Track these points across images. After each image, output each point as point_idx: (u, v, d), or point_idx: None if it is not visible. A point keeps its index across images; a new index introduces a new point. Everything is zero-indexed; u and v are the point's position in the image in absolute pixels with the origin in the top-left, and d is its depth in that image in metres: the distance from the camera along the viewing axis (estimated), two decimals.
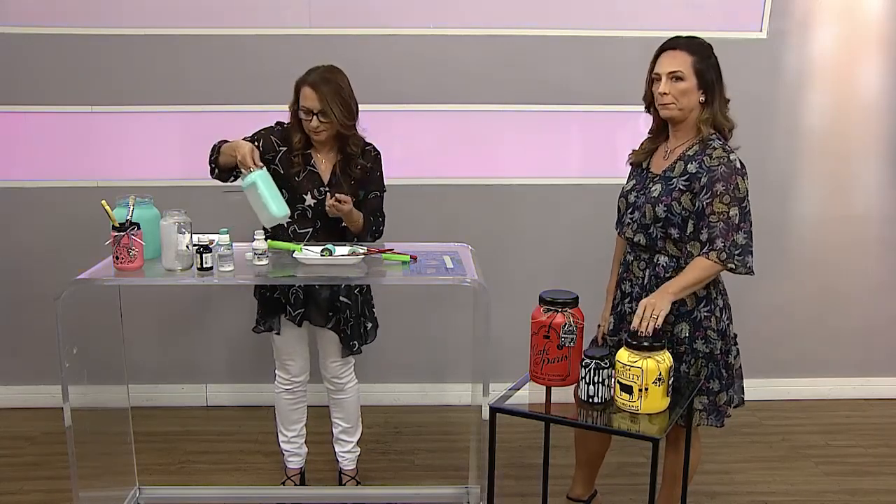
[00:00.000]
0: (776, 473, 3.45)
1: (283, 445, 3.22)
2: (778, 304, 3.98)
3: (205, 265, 2.54)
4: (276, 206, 2.72)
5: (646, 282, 2.63)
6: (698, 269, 2.49)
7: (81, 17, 3.64)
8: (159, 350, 3.99)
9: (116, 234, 2.53)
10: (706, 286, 2.57)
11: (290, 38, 3.66)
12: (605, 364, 2.34)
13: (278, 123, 2.97)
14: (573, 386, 2.44)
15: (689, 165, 2.54)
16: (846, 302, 4.10)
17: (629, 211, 2.67)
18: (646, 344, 2.30)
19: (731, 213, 2.47)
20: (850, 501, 3.25)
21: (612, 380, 2.36)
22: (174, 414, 3.94)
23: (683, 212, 2.53)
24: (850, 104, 3.90)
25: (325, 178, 2.93)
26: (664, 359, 2.30)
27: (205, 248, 2.54)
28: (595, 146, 3.90)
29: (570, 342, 2.39)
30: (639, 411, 2.30)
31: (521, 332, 2.81)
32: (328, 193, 2.85)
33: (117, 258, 2.55)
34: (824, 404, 4.10)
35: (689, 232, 2.53)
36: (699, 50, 2.52)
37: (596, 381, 2.34)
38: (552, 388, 2.45)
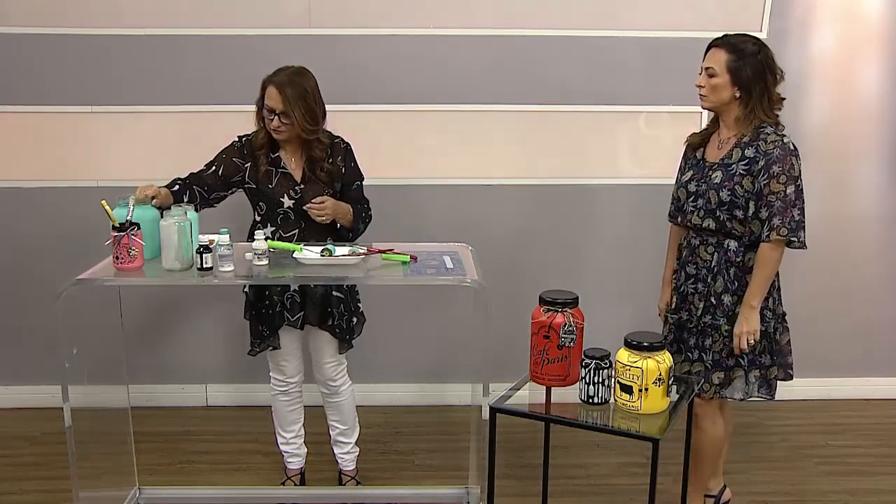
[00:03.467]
0: (777, 473, 3.45)
1: (282, 447, 3.22)
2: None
3: (205, 265, 2.54)
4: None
5: (714, 264, 2.76)
6: (765, 263, 2.66)
7: (81, 17, 3.64)
8: (159, 350, 3.99)
9: (116, 234, 2.53)
10: None
11: (290, 38, 3.66)
12: (605, 364, 2.34)
13: (239, 138, 2.98)
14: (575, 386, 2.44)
15: (746, 151, 2.69)
16: (846, 302, 4.10)
17: (691, 199, 2.80)
18: (646, 344, 2.30)
19: (787, 191, 2.62)
20: (851, 502, 3.25)
21: (612, 380, 2.36)
22: (174, 414, 3.94)
23: (746, 194, 2.67)
24: (850, 104, 3.90)
25: (298, 176, 2.94)
26: (664, 359, 2.31)
27: (205, 249, 2.54)
28: (595, 147, 3.89)
29: (569, 342, 2.39)
30: (639, 411, 2.30)
31: (521, 332, 2.80)
32: (303, 193, 2.88)
33: (117, 258, 2.55)
34: (824, 404, 4.10)
35: (751, 212, 2.67)
36: (739, 49, 2.68)
37: (596, 381, 2.35)
38: (552, 388, 2.45)
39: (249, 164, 2.93)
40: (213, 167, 2.94)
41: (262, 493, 3.20)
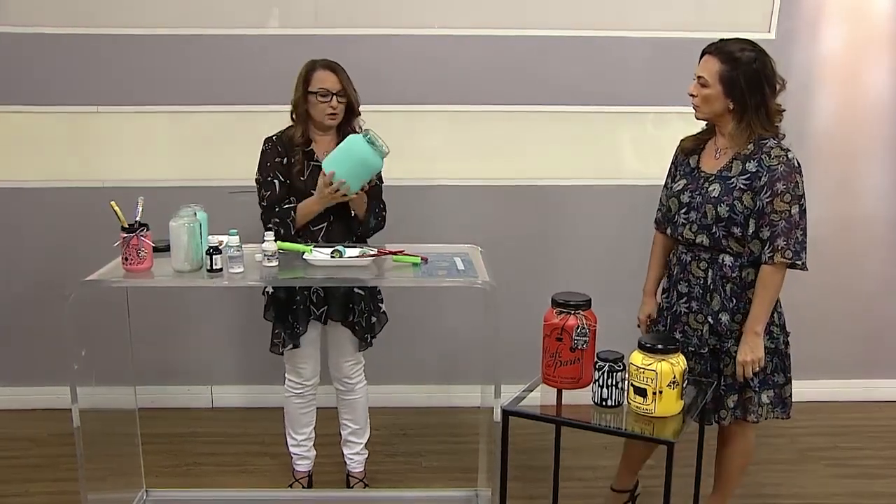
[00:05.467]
0: (784, 476, 3.44)
1: (292, 449, 3.21)
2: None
3: (214, 267, 2.52)
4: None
5: (709, 282, 2.64)
6: (769, 286, 2.55)
7: (87, 17, 3.62)
8: (165, 351, 3.96)
9: (125, 234, 2.52)
10: None
11: (295, 38, 3.64)
12: (619, 367, 2.33)
13: (267, 141, 2.96)
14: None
15: (747, 164, 2.55)
16: (853, 303, 4.08)
17: (683, 211, 2.66)
18: (660, 347, 2.28)
19: (791, 211, 2.50)
20: None
21: (626, 383, 2.34)
22: (180, 415, 3.91)
23: (745, 210, 2.54)
24: (859, 105, 3.89)
25: None
26: (678, 362, 2.29)
27: (214, 250, 2.52)
28: (599, 147, 3.88)
29: (582, 345, 2.37)
30: (653, 414, 2.29)
31: (529, 333, 2.79)
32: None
33: (126, 259, 2.54)
34: (831, 406, 4.07)
35: (750, 231, 2.55)
36: (733, 58, 2.52)
37: (609, 383, 2.33)
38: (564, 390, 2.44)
39: (286, 159, 2.92)
40: (276, 179, 2.90)
41: (269, 496, 3.20)
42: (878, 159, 3.98)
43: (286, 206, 2.88)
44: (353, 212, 2.94)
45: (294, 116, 2.94)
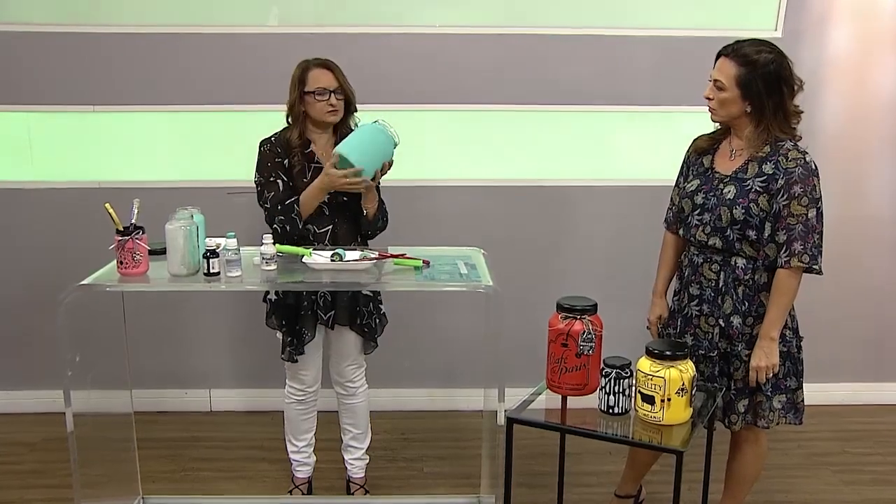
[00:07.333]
0: (793, 482, 3.38)
1: (292, 455, 3.16)
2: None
3: (212, 270, 2.46)
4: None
5: (721, 284, 2.59)
6: (785, 291, 2.50)
7: (84, 16, 3.57)
8: (161, 354, 3.91)
9: (120, 238, 2.46)
10: None
11: (295, 36, 3.59)
12: (626, 373, 2.27)
13: (264, 143, 2.90)
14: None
15: (763, 166, 2.49)
16: (859, 305, 4.03)
17: (696, 212, 2.61)
18: (668, 353, 2.23)
19: (809, 214, 2.45)
20: None
21: (633, 389, 2.29)
22: (177, 420, 3.87)
23: (761, 213, 2.49)
24: (866, 104, 3.84)
25: None
26: (687, 368, 2.24)
27: (212, 253, 2.47)
28: (604, 147, 3.83)
29: (588, 350, 2.32)
30: (661, 422, 2.23)
31: (533, 336, 2.74)
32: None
33: (121, 263, 2.48)
34: (838, 410, 4.02)
35: (766, 234, 2.50)
36: (751, 60, 2.46)
37: (616, 390, 2.28)
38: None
39: (286, 160, 2.86)
40: (278, 178, 2.84)
41: (269, 502, 3.15)
42: (885, 159, 3.93)
43: (288, 202, 2.81)
44: (364, 210, 2.87)
45: (290, 119, 2.88)
